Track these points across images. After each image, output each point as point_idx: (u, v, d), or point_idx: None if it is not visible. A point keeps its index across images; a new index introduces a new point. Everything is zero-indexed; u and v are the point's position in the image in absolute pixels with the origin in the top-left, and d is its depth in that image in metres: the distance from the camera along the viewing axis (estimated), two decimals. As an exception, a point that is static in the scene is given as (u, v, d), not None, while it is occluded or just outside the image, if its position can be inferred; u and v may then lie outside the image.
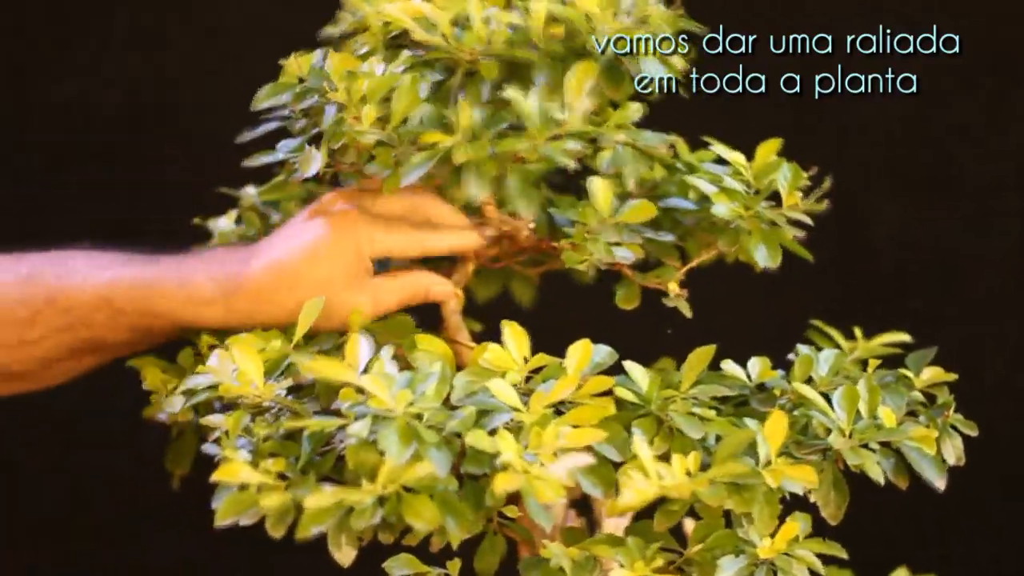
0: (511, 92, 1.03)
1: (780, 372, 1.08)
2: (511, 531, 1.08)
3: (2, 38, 1.76)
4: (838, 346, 1.13)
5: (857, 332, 1.14)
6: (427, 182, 1.06)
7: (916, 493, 1.08)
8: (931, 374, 1.10)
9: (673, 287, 1.09)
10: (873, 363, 1.11)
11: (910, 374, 1.09)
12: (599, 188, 1.07)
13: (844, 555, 1.02)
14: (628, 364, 1.03)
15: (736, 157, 1.10)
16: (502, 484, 0.91)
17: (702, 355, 1.04)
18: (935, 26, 1.23)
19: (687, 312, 1.09)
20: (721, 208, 1.07)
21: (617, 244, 1.07)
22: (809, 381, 1.07)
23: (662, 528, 1.01)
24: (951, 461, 1.07)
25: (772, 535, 1.00)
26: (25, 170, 1.79)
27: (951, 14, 1.29)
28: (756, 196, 1.09)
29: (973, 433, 1.07)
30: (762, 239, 1.08)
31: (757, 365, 1.08)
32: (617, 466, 0.98)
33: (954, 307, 1.75)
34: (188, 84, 1.77)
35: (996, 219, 1.74)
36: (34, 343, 1.09)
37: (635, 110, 1.08)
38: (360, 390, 0.96)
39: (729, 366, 1.07)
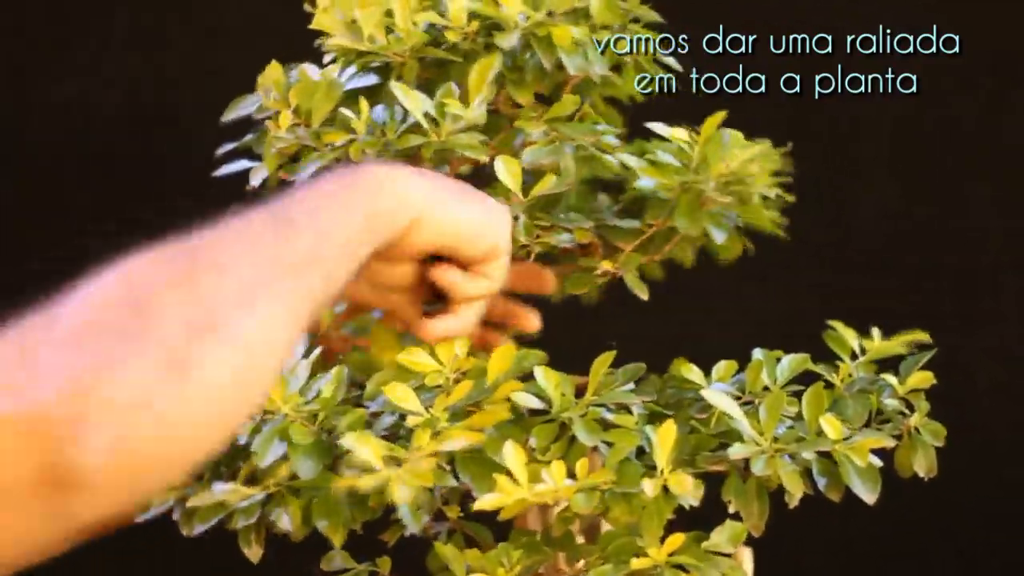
0: (394, 87, 1.03)
1: (740, 376, 1.06)
2: (471, 530, 1.09)
3: (2, 38, 1.76)
4: (850, 349, 1.10)
5: (875, 333, 1.10)
6: None
7: (914, 495, 1.07)
8: (916, 379, 1.05)
9: (606, 266, 1.08)
10: (870, 367, 1.08)
11: (893, 380, 1.05)
12: (503, 167, 1.04)
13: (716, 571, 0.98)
14: (537, 369, 1.00)
15: (677, 133, 1.07)
16: (344, 483, 0.91)
17: (603, 360, 1.02)
18: (935, 26, 1.23)
19: (643, 295, 1.07)
20: (646, 181, 1.05)
21: (567, 230, 1.07)
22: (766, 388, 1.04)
23: (558, 533, 1.01)
24: (921, 473, 1.03)
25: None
26: (25, 170, 1.79)
27: (951, 14, 1.29)
28: (684, 168, 1.06)
29: (939, 443, 1.03)
30: (687, 211, 1.05)
31: (722, 368, 1.06)
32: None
33: (954, 308, 1.75)
34: (188, 84, 1.77)
35: (997, 219, 1.74)
36: None
37: (570, 103, 1.07)
38: None
39: (692, 371, 1.06)
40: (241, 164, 1.12)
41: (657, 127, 1.07)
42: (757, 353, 1.06)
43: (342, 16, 1.07)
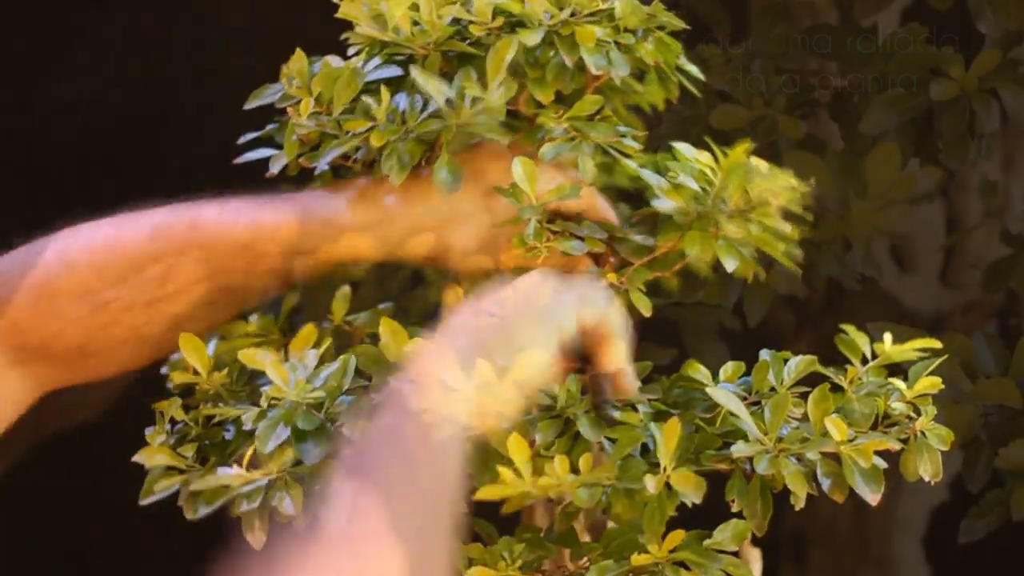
0: (415, 74, 1.03)
1: (747, 379, 1.05)
2: (476, 526, 1.10)
3: (2, 38, 1.77)
4: (861, 353, 1.09)
5: (887, 337, 1.09)
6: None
7: (923, 492, 1.07)
8: (924, 384, 1.04)
9: (610, 279, 1.08)
10: (881, 372, 1.08)
11: (901, 385, 1.04)
12: (520, 167, 1.04)
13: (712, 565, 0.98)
14: None
15: (701, 158, 1.06)
16: None
17: None
18: (935, 26, 1.23)
19: (646, 311, 1.07)
20: (662, 203, 1.05)
21: (579, 238, 1.07)
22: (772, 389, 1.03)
23: (561, 529, 1.01)
24: (926, 476, 1.03)
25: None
26: (25, 170, 1.79)
27: (950, 14, 1.29)
28: (704, 194, 1.05)
29: (944, 447, 1.03)
30: (698, 239, 1.05)
31: (729, 369, 1.06)
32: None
33: (953, 307, 1.75)
34: (188, 85, 1.77)
35: (993, 218, 1.75)
36: (168, 299, 1.06)
37: (592, 103, 1.08)
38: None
39: (699, 371, 1.06)
40: (261, 152, 1.12)
41: (682, 147, 1.07)
42: (764, 354, 1.06)
43: (368, 7, 1.08)
